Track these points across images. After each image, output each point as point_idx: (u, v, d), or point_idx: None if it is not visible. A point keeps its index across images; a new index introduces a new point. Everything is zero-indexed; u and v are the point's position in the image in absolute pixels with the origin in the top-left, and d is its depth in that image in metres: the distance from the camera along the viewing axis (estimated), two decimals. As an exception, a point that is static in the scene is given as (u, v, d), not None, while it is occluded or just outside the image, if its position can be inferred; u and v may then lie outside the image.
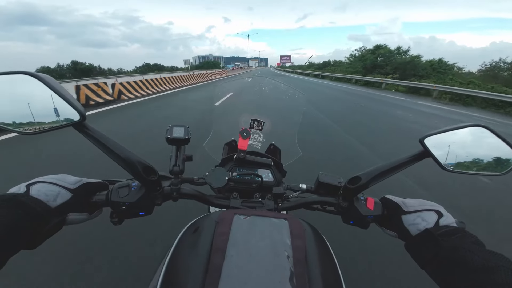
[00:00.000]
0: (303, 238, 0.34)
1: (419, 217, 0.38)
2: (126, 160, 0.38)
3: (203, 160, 0.84)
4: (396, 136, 4.25)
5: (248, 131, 0.58)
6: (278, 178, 0.63)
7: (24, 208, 0.29)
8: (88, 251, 1.38)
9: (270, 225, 0.36)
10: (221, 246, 0.31)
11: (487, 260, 0.27)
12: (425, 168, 2.14)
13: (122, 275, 1.24)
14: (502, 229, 1.79)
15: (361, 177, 0.44)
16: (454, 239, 0.32)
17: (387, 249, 1.45)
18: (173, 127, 0.48)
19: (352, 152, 3.28)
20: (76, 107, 0.34)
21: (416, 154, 0.43)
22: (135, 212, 0.42)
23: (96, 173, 2.30)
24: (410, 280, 1.28)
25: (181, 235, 0.40)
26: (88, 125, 0.37)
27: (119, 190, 0.40)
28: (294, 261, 0.30)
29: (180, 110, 5.86)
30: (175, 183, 0.46)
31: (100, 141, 0.37)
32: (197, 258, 0.31)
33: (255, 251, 0.31)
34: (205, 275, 0.28)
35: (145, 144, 3.24)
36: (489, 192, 2.39)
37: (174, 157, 0.47)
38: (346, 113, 6.22)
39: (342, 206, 0.47)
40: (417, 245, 0.36)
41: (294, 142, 0.80)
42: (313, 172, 0.61)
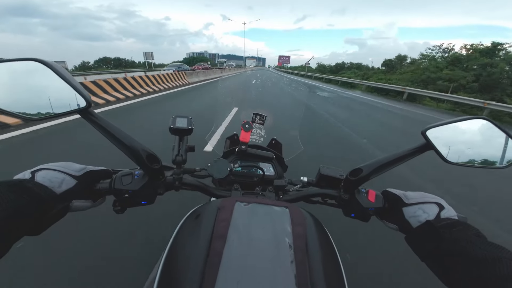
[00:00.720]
0: (303, 226, 0.35)
1: (420, 209, 0.38)
2: (130, 147, 0.39)
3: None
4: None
5: (250, 124, 0.59)
6: (280, 172, 0.63)
7: (29, 194, 0.29)
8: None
9: (271, 213, 0.37)
10: (222, 231, 0.32)
11: (489, 252, 0.27)
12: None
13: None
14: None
15: (362, 169, 0.44)
16: (456, 231, 0.32)
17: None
18: (176, 117, 0.48)
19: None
20: (83, 94, 0.35)
21: (418, 146, 0.43)
22: (137, 200, 0.42)
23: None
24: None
25: (183, 221, 0.41)
26: (94, 112, 0.38)
27: (123, 178, 0.41)
28: (294, 248, 0.31)
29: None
30: (177, 173, 0.47)
31: (106, 129, 0.38)
32: (198, 243, 0.32)
33: (256, 237, 0.32)
34: (206, 259, 0.29)
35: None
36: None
37: (177, 147, 0.48)
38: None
39: (343, 198, 0.47)
40: (418, 237, 0.36)
41: (296, 137, 0.82)
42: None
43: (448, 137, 0.41)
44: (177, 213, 0.58)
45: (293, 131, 0.88)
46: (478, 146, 0.41)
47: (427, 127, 0.41)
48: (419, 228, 0.37)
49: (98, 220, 1.52)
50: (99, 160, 2.38)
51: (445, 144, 0.41)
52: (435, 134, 0.41)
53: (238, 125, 0.60)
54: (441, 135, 0.41)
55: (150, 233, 1.49)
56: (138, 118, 4.26)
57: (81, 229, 1.45)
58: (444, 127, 0.41)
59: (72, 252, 1.31)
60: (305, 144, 0.79)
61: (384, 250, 1.47)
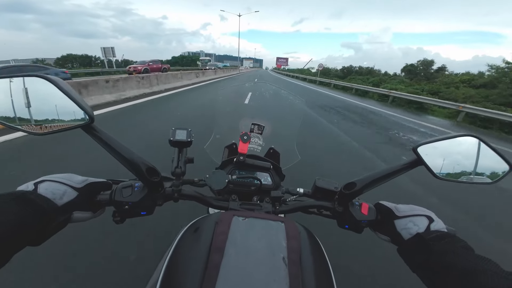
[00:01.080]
0: (298, 240, 0.36)
1: (411, 221, 0.40)
2: (130, 161, 0.40)
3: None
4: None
5: (249, 135, 0.60)
6: (277, 182, 0.65)
7: (32, 205, 0.31)
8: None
9: (267, 227, 0.38)
10: (220, 245, 0.33)
11: (475, 264, 0.29)
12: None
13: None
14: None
15: (356, 183, 0.46)
16: (444, 243, 0.33)
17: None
18: (176, 130, 0.50)
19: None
20: (86, 110, 0.36)
21: (409, 162, 0.44)
22: (137, 211, 0.43)
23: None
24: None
25: (182, 234, 0.42)
26: (96, 127, 0.39)
27: (123, 190, 0.42)
28: (288, 261, 0.32)
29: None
30: (176, 184, 0.48)
31: (107, 143, 0.39)
32: (197, 256, 0.33)
33: (252, 251, 0.33)
34: (204, 272, 0.30)
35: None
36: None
37: (176, 159, 0.50)
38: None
39: (338, 210, 0.49)
40: (409, 249, 0.38)
41: (293, 147, 0.83)
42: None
43: (438, 153, 0.42)
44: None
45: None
46: (467, 163, 0.42)
47: (418, 144, 0.42)
48: (410, 240, 0.38)
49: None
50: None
51: (435, 160, 0.42)
52: (426, 151, 0.42)
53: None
54: (431, 151, 0.42)
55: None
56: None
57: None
58: (434, 144, 0.42)
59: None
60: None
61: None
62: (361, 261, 1.48)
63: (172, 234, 0.43)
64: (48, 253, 1.29)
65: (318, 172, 2.03)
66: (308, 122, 4.94)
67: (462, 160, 0.42)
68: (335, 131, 4.59)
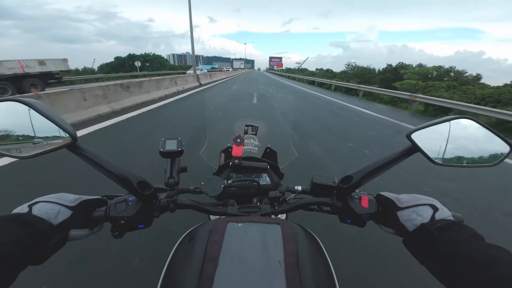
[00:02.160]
0: (295, 242, 0.36)
1: (414, 212, 0.39)
2: (120, 176, 0.41)
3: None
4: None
5: (242, 138, 0.61)
6: (276, 181, 0.65)
7: (28, 226, 0.32)
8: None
9: (262, 231, 0.38)
10: (214, 255, 0.33)
11: (486, 254, 0.28)
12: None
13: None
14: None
15: (353, 176, 0.46)
16: (451, 233, 0.33)
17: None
18: (165, 140, 0.50)
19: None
20: (67, 130, 0.37)
21: (405, 150, 0.44)
22: (134, 225, 0.44)
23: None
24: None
25: (178, 245, 0.43)
26: (81, 145, 0.40)
27: (117, 205, 0.43)
28: (285, 266, 0.32)
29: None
30: (171, 195, 0.49)
31: (93, 160, 0.40)
32: (191, 267, 0.34)
33: (247, 258, 0.33)
34: (199, 283, 0.30)
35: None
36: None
37: (169, 169, 0.50)
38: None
39: (337, 206, 0.49)
40: (415, 241, 0.37)
41: (289, 144, 0.83)
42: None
43: (433, 138, 0.41)
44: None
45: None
46: (465, 146, 0.41)
47: (411, 130, 0.41)
48: (415, 231, 0.37)
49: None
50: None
51: (431, 146, 0.41)
52: (421, 137, 0.41)
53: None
54: (426, 137, 0.41)
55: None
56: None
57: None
58: (428, 129, 0.41)
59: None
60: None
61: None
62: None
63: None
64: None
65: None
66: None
67: (459, 144, 0.41)
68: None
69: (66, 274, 1.28)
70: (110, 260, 1.38)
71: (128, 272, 1.32)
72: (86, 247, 1.41)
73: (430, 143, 0.41)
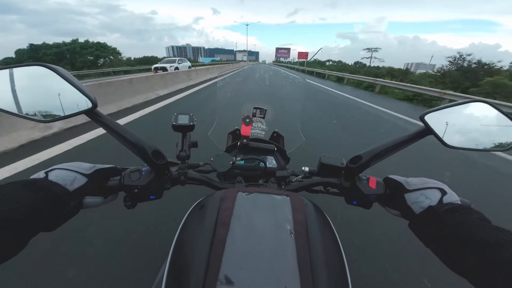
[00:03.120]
0: (304, 213, 0.38)
1: (422, 195, 0.40)
2: (136, 144, 0.43)
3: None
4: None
5: (251, 118, 0.64)
6: (282, 164, 0.67)
7: (45, 191, 0.33)
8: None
9: (272, 201, 0.40)
10: (226, 220, 0.35)
11: (494, 236, 0.28)
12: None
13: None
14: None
15: (362, 156, 0.47)
16: (458, 215, 0.33)
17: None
18: (178, 115, 0.53)
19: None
20: (88, 96, 0.38)
21: (417, 131, 0.44)
22: (146, 195, 0.47)
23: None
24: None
25: (189, 212, 0.45)
26: (99, 112, 0.41)
27: (131, 175, 0.46)
28: (295, 233, 0.33)
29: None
30: (182, 168, 0.52)
31: (112, 128, 0.42)
32: (203, 232, 0.35)
33: (258, 224, 0.35)
34: (211, 246, 0.31)
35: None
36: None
37: (181, 143, 0.53)
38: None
39: (345, 186, 0.50)
40: (421, 223, 0.38)
41: (297, 129, 0.86)
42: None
43: (447, 121, 0.42)
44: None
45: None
46: (479, 130, 0.42)
47: (425, 111, 0.42)
48: (421, 214, 0.38)
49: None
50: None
51: (444, 128, 0.42)
52: (434, 119, 0.42)
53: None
54: (440, 119, 0.42)
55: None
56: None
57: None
58: (443, 111, 0.42)
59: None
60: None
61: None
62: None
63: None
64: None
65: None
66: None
67: (473, 127, 0.42)
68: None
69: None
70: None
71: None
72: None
73: (443, 125, 0.42)
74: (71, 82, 0.37)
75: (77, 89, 0.37)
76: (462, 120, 0.42)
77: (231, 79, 0.94)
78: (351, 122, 4.97)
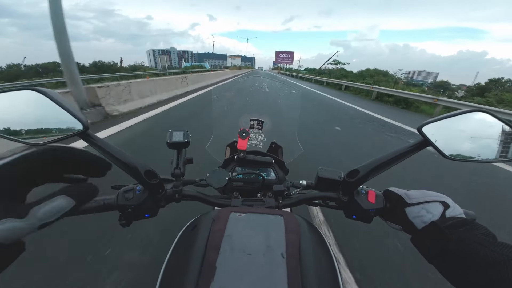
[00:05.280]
0: (297, 233, 0.39)
1: (423, 209, 0.40)
2: (128, 165, 0.45)
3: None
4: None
5: (247, 131, 0.65)
6: (281, 176, 0.69)
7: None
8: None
9: (265, 222, 0.41)
10: (216, 242, 0.36)
11: (498, 254, 0.29)
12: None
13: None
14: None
15: (359, 170, 0.47)
16: (462, 231, 0.33)
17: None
18: (172, 131, 0.55)
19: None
20: (79, 118, 0.40)
21: (415, 143, 0.44)
22: (140, 214, 0.48)
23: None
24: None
25: (181, 233, 0.47)
26: (92, 134, 0.43)
27: (125, 194, 0.48)
28: (287, 256, 0.34)
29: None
30: (176, 185, 0.53)
31: (104, 149, 0.43)
32: (194, 255, 0.36)
33: (249, 246, 0.36)
34: (201, 270, 0.33)
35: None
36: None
37: (175, 160, 0.55)
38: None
39: (343, 200, 0.51)
40: (424, 239, 0.38)
41: (295, 139, 0.88)
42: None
43: (446, 132, 0.42)
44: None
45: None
46: (480, 140, 0.42)
47: (423, 123, 0.42)
48: (424, 229, 0.38)
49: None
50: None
51: (443, 139, 0.42)
52: (432, 130, 0.42)
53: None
54: (438, 131, 0.42)
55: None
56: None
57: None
58: (441, 122, 0.42)
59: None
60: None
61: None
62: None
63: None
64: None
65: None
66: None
67: (473, 138, 0.42)
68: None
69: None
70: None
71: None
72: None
73: (442, 136, 0.42)
74: (62, 105, 0.38)
75: (69, 112, 0.39)
76: (461, 131, 0.42)
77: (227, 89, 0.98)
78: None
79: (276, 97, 1.00)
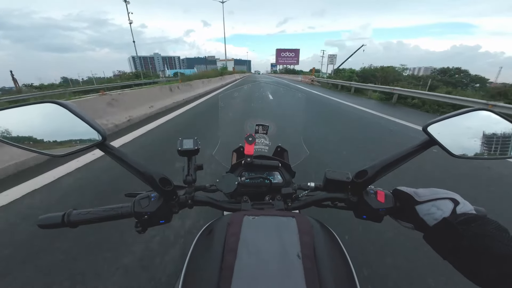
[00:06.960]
0: (311, 234, 0.40)
1: (433, 206, 0.41)
2: (144, 173, 0.48)
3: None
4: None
5: (253, 136, 0.69)
6: (288, 179, 0.72)
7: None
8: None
9: (278, 224, 0.43)
10: (233, 246, 0.38)
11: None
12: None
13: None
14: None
15: (367, 170, 0.50)
16: (474, 226, 0.34)
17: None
18: (183, 140, 0.59)
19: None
20: (98, 130, 0.43)
21: (421, 143, 0.47)
22: (155, 220, 0.51)
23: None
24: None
25: (197, 238, 0.49)
26: (109, 145, 0.46)
27: (141, 201, 0.51)
28: (302, 256, 0.36)
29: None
30: (189, 192, 0.56)
31: (121, 158, 0.47)
32: (212, 259, 0.38)
33: (265, 249, 0.37)
34: (220, 274, 0.34)
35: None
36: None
37: (186, 167, 0.59)
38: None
39: (352, 201, 0.53)
40: (436, 236, 0.39)
41: (300, 142, 0.92)
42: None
43: (451, 131, 0.44)
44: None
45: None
46: (485, 138, 0.45)
47: (427, 123, 0.45)
48: (435, 226, 0.39)
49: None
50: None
51: (448, 138, 0.44)
52: (437, 130, 0.44)
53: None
54: (443, 130, 0.44)
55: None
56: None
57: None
58: (445, 121, 0.44)
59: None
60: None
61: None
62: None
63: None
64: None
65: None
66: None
67: (478, 135, 0.45)
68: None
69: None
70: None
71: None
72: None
73: (447, 135, 0.44)
74: (81, 117, 0.41)
75: (88, 124, 0.41)
76: (466, 129, 0.45)
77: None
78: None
79: (280, 103, 1.05)
